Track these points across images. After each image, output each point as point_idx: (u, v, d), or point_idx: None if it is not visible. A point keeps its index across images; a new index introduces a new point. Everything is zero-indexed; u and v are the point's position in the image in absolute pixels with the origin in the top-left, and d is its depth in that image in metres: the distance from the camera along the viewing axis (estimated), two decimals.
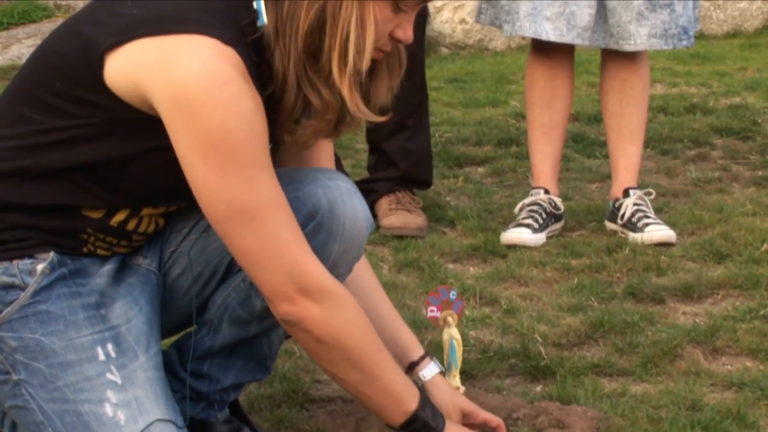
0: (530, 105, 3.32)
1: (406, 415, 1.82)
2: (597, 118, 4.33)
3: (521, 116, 4.37)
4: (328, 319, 1.72)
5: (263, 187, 1.66)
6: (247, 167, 1.64)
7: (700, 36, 6.33)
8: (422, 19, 3.44)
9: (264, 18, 1.69)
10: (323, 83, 1.70)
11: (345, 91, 1.69)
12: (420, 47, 3.41)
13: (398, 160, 3.41)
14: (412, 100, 3.39)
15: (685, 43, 3.17)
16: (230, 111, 1.61)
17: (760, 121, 4.42)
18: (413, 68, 3.35)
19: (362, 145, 3.82)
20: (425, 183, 3.51)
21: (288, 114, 1.73)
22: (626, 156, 3.27)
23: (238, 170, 1.63)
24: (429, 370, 2.01)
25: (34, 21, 6.45)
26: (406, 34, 1.74)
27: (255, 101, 1.64)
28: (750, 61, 5.74)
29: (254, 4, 1.70)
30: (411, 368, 1.99)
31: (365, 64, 1.69)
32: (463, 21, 6.37)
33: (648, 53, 3.29)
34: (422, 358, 2.01)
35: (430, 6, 4.82)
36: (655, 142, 4.16)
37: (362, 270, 1.98)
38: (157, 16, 1.65)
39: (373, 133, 3.45)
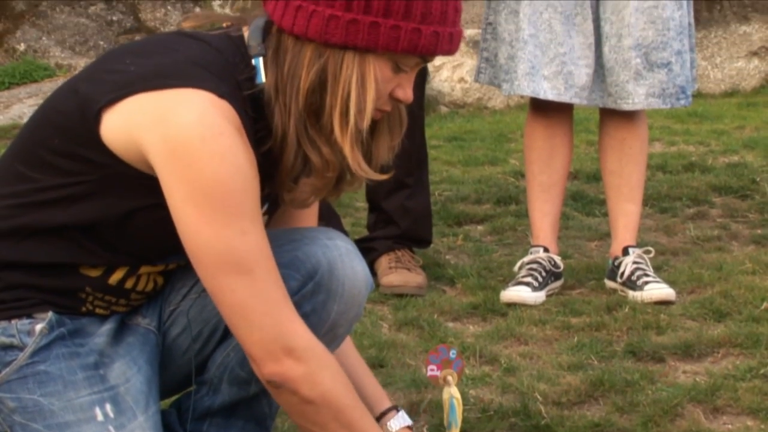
0: (529, 163, 3.33)
1: None
2: (596, 177, 4.34)
3: (520, 174, 4.38)
4: (315, 379, 1.70)
5: (255, 241, 1.66)
6: (241, 219, 1.64)
7: (698, 95, 6.36)
8: (422, 78, 3.46)
9: (262, 76, 1.70)
10: (324, 141, 1.71)
11: (347, 150, 1.70)
12: (420, 106, 3.43)
13: (398, 218, 3.42)
14: (412, 158, 3.40)
15: (683, 102, 3.19)
16: (224, 161, 1.61)
17: (758, 179, 4.43)
18: (413, 127, 3.37)
19: (362, 204, 3.83)
20: (425, 241, 3.51)
21: (287, 171, 1.74)
22: (625, 214, 3.27)
23: (231, 221, 1.63)
24: (396, 422, 1.99)
25: (35, 81, 6.48)
26: (406, 94, 1.76)
27: (249, 155, 1.65)
28: (748, 120, 5.76)
29: (253, 61, 1.71)
30: (379, 419, 1.97)
31: (366, 122, 1.70)
32: (462, 80, 6.41)
33: (646, 112, 3.31)
34: (389, 409, 2.00)
35: (430, 65, 4.84)
36: (654, 200, 4.17)
37: None
38: (153, 72, 1.67)
39: (373, 191, 3.46)
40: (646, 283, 3.14)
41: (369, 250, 3.35)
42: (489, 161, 4.95)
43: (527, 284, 3.16)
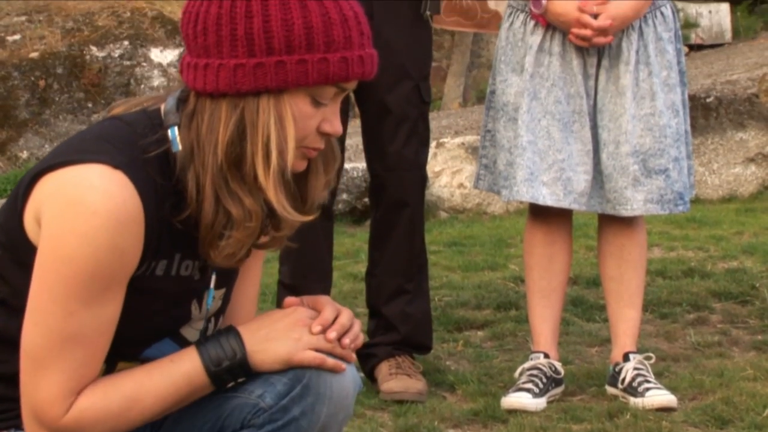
0: (529, 269, 3.34)
1: (205, 380, 1.75)
2: (596, 282, 4.34)
3: (520, 280, 4.38)
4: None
5: (78, 324, 1.64)
6: (74, 300, 1.63)
7: (696, 200, 6.39)
8: (421, 183, 3.48)
9: (177, 144, 1.70)
10: (246, 192, 1.69)
11: (271, 193, 1.68)
12: (419, 211, 3.45)
13: (398, 324, 3.41)
14: (412, 264, 3.42)
15: (681, 208, 3.21)
16: (84, 243, 1.61)
17: (758, 285, 4.43)
18: (413, 233, 3.43)
19: (362, 309, 3.82)
20: (425, 347, 3.50)
21: (208, 229, 1.71)
22: (625, 320, 3.27)
23: (64, 299, 1.63)
24: None
25: None
26: (333, 126, 1.74)
27: (123, 237, 1.63)
28: (746, 226, 5.78)
29: (168, 131, 1.71)
30: None
31: (289, 162, 1.69)
32: (461, 185, 6.44)
33: (645, 217, 3.33)
34: None
35: (429, 171, 4.87)
36: (654, 306, 4.17)
37: None
38: (57, 152, 1.70)
39: (373, 297, 3.46)
40: (648, 389, 3.13)
41: (369, 356, 3.35)
42: (489, 266, 4.96)
43: (528, 390, 3.14)
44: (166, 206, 1.69)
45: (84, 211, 1.60)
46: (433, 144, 6.18)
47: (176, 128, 1.71)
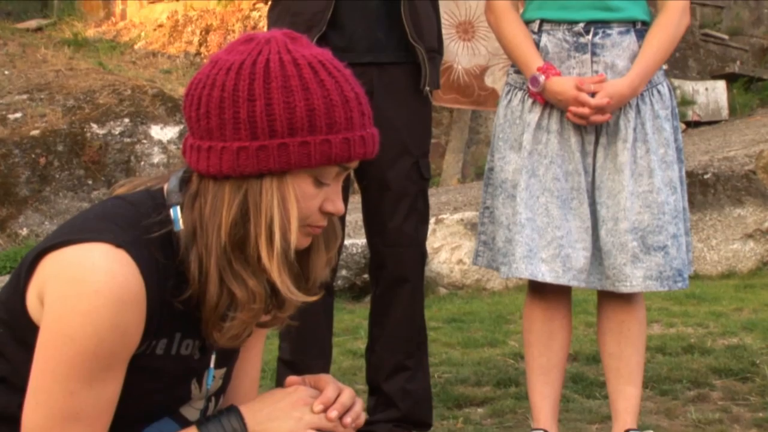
0: (528, 346, 3.33)
1: None
2: (596, 358, 4.33)
3: (520, 356, 4.37)
4: None
5: (78, 403, 1.65)
6: (75, 380, 1.64)
7: (696, 276, 6.40)
8: (420, 261, 3.48)
9: (180, 224, 1.72)
10: (250, 273, 1.70)
11: (275, 275, 1.69)
12: (419, 287, 3.46)
13: (398, 401, 3.40)
14: (411, 340, 3.42)
15: (680, 285, 3.21)
16: (86, 322, 1.61)
17: (758, 362, 4.42)
18: (413, 309, 3.43)
19: (362, 386, 3.81)
20: (425, 424, 3.49)
21: (212, 310, 1.72)
22: (626, 397, 3.26)
23: (65, 379, 1.63)
24: None
25: None
26: (336, 206, 1.76)
27: (125, 315, 1.64)
28: (745, 302, 5.78)
29: (171, 211, 1.72)
30: None
31: (293, 243, 1.70)
32: (460, 261, 6.45)
33: (644, 293, 3.33)
34: None
35: (428, 247, 4.88)
36: (654, 383, 4.16)
37: None
38: (60, 232, 1.70)
39: (373, 373, 3.45)
40: None
41: None
42: (488, 343, 4.95)
43: None
44: (168, 286, 1.70)
45: (86, 290, 1.61)
46: (432, 220, 6.21)
47: (178, 208, 1.73)
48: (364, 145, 1.74)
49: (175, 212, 1.73)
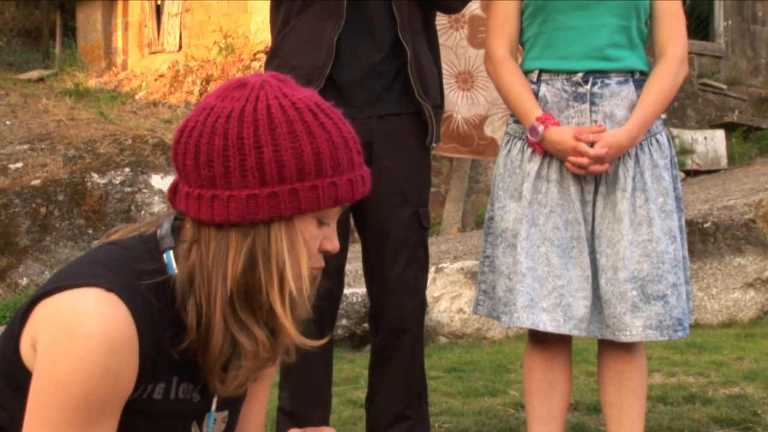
0: (529, 396, 3.32)
1: None
2: (596, 408, 4.32)
3: (520, 406, 4.35)
4: None
5: None
6: (69, 425, 1.62)
7: (696, 325, 6.39)
8: (420, 310, 3.48)
9: (173, 268, 1.71)
10: (254, 321, 1.70)
11: (286, 322, 1.69)
12: (419, 337, 3.45)
13: None
14: (412, 390, 3.40)
15: (680, 334, 3.20)
16: (78, 366, 1.60)
17: (760, 411, 4.40)
18: (413, 358, 3.42)
19: None
20: None
21: (215, 360, 1.72)
22: None
23: (57, 424, 1.61)
24: None
25: None
26: (333, 244, 1.77)
27: (118, 359, 1.62)
28: (747, 351, 5.76)
29: (164, 255, 1.72)
30: None
31: (305, 287, 1.71)
32: (460, 310, 6.44)
33: (645, 342, 3.32)
34: None
35: (428, 296, 4.89)
36: None
37: None
38: (54, 279, 1.70)
39: (373, 423, 3.44)
40: None
41: None
42: (489, 392, 4.93)
43: None
44: (166, 335, 1.69)
45: (77, 334, 1.60)
46: (432, 269, 6.21)
47: (171, 252, 1.72)
48: (364, 185, 1.76)
49: (168, 257, 1.72)
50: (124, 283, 1.66)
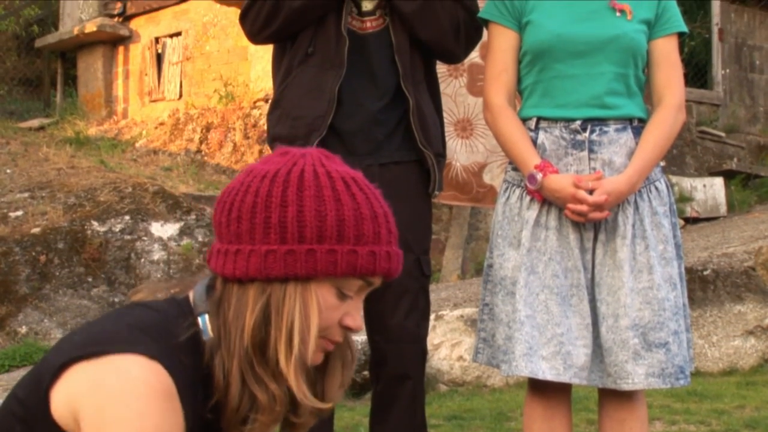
0: None
1: None
2: None
3: None
4: None
5: None
6: None
7: (697, 373, 6.36)
8: (421, 358, 3.47)
9: (209, 331, 1.73)
10: (270, 376, 1.71)
11: (291, 379, 1.70)
12: (420, 384, 3.44)
13: None
14: None
15: (682, 382, 3.19)
16: (135, 427, 1.60)
17: None
18: (414, 406, 3.41)
19: None
20: None
21: (233, 413, 1.73)
22: None
23: None
24: None
25: (35, 363, 6.47)
26: (355, 321, 1.78)
27: (170, 418, 1.63)
28: (748, 399, 5.74)
29: (199, 319, 1.74)
30: None
31: (310, 351, 1.71)
32: (460, 358, 6.42)
33: (645, 391, 3.31)
34: None
35: (428, 343, 4.85)
36: None
37: None
38: (92, 340, 1.70)
39: None
40: None
41: None
42: None
43: None
44: (199, 397, 1.71)
45: (126, 401, 1.61)
46: (432, 316, 6.19)
47: (206, 316, 1.75)
48: (389, 261, 1.77)
49: (203, 321, 1.75)
50: (164, 349, 1.68)
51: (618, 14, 3.21)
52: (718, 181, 11.19)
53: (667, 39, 3.27)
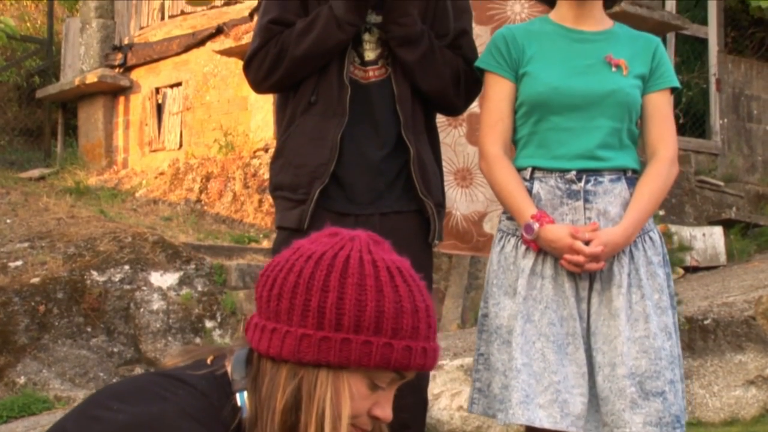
0: None
1: None
2: None
3: None
4: None
5: None
6: None
7: (698, 423, 6.34)
8: (422, 408, 3.47)
9: (247, 409, 1.73)
10: None
11: None
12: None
13: None
14: None
15: (678, 431, 3.18)
16: None
17: None
18: None
19: None
20: None
21: None
22: None
23: None
24: None
25: (33, 414, 6.45)
26: (385, 412, 1.77)
27: None
28: None
29: (237, 396, 1.74)
30: None
31: None
32: (460, 408, 6.39)
33: None
34: None
35: (429, 393, 4.84)
36: None
37: None
38: (140, 423, 1.67)
39: None
40: None
41: None
42: None
43: None
44: None
45: None
46: None
47: (245, 393, 1.74)
48: (425, 357, 1.75)
49: (242, 398, 1.74)
50: None
51: (614, 69, 3.24)
52: (718, 230, 11.19)
53: (661, 93, 3.30)
